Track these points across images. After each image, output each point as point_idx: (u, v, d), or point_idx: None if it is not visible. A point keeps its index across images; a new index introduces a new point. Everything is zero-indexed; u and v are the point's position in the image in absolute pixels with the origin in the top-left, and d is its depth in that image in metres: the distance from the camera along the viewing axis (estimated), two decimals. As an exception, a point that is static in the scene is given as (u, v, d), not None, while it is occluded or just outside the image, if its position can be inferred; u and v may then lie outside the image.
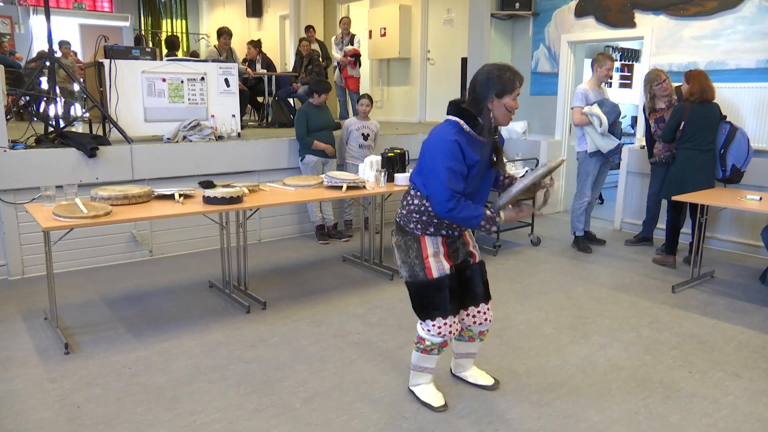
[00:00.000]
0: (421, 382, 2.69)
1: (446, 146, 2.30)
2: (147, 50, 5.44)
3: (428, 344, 2.52)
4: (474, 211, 2.33)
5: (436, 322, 2.46)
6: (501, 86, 2.33)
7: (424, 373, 2.66)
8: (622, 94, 8.45)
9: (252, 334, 3.43)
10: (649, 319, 3.72)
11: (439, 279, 2.44)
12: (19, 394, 2.72)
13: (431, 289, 2.45)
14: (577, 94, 5.13)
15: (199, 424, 2.49)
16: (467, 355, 2.82)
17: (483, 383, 2.82)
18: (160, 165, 4.89)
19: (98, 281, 4.38)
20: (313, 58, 8.00)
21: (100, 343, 3.28)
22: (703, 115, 4.57)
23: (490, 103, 2.34)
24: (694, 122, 4.57)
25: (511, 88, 2.34)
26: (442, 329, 2.47)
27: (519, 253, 5.22)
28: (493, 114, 2.36)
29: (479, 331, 2.69)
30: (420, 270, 2.46)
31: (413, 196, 2.47)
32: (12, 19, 10.61)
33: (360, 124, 5.59)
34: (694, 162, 4.59)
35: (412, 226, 2.47)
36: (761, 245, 4.88)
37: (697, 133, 4.57)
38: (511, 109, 2.37)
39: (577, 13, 6.38)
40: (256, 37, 10.14)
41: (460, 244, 2.58)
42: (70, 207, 3.26)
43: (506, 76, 2.34)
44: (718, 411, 2.65)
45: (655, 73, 5.02)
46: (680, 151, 4.67)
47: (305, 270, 4.74)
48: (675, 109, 4.68)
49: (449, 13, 7.79)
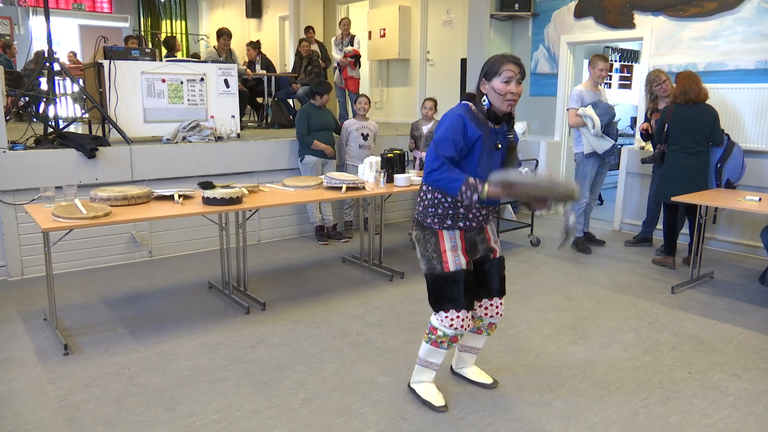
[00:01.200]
0: (423, 380, 2.70)
1: (449, 120, 2.39)
2: (146, 51, 5.44)
3: (440, 334, 2.53)
4: (455, 175, 2.34)
5: (449, 314, 2.48)
6: (488, 68, 2.40)
7: (428, 369, 2.66)
8: (621, 94, 8.46)
9: (251, 334, 3.43)
10: (648, 319, 3.72)
11: (455, 273, 2.46)
12: (18, 395, 2.72)
13: (447, 282, 2.47)
14: (572, 96, 5.16)
15: (198, 425, 2.49)
16: (471, 349, 2.83)
17: (482, 381, 2.83)
18: (159, 166, 4.90)
19: (98, 282, 4.38)
20: (312, 59, 8.00)
21: (100, 343, 3.28)
22: (688, 117, 4.56)
23: (483, 87, 2.42)
24: (677, 124, 4.59)
25: (497, 69, 2.36)
26: (454, 321, 2.48)
27: (518, 254, 5.22)
28: (487, 99, 2.40)
29: (489, 323, 2.71)
30: (437, 263, 2.49)
31: (426, 191, 2.51)
32: (11, 20, 10.61)
33: (359, 125, 5.59)
34: (679, 164, 4.62)
35: (429, 221, 2.50)
36: (761, 246, 4.88)
37: (681, 135, 4.59)
38: (502, 92, 2.36)
39: (576, 14, 6.38)
40: (256, 38, 10.13)
41: (480, 239, 2.59)
42: (70, 208, 3.26)
43: (494, 59, 2.40)
44: (718, 411, 2.65)
45: (656, 74, 5.04)
46: (668, 153, 4.72)
47: (305, 271, 4.74)
48: (662, 111, 4.74)
49: (449, 14, 7.80)
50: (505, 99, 2.38)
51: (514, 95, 2.37)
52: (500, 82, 2.36)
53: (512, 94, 2.37)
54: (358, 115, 5.65)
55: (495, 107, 2.41)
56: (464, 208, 2.45)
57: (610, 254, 5.24)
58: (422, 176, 2.53)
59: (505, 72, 2.35)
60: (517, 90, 2.38)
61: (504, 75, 2.35)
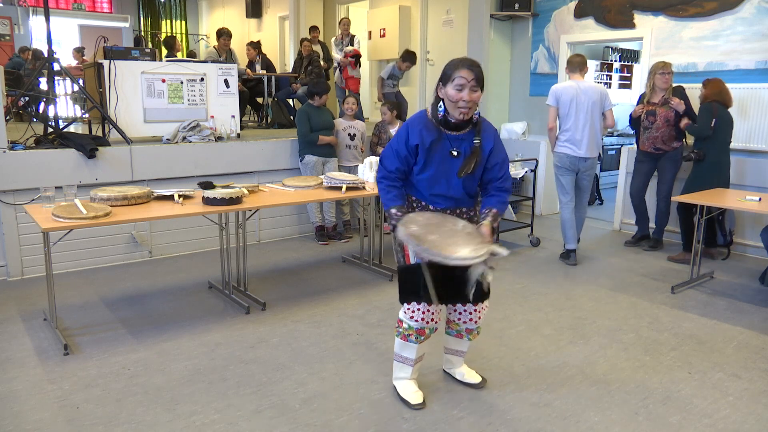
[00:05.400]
0: (401, 377, 2.70)
1: (399, 130, 2.46)
2: (147, 51, 5.44)
3: (405, 327, 2.55)
4: (388, 199, 2.46)
5: (411, 306, 2.51)
6: (444, 72, 2.39)
7: (404, 365, 2.66)
8: (621, 94, 8.45)
9: (251, 335, 3.43)
10: (648, 319, 3.72)
11: (414, 265, 2.45)
12: (18, 395, 2.72)
13: (407, 274, 2.50)
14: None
15: (198, 425, 2.49)
16: (456, 352, 2.83)
17: (470, 381, 2.83)
18: (159, 166, 4.89)
19: (98, 282, 4.38)
20: (313, 59, 8.00)
21: (100, 344, 3.28)
22: (726, 118, 4.72)
23: (439, 91, 2.41)
24: (721, 123, 4.68)
25: (450, 74, 2.33)
26: (415, 314, 2.50)
27: (518, 254, 5.22)
28: (443, 104, 2.40)
29: (466, 329, 2.68)
30: (401, 256, 2.54)
31: None
32: (11, 20, 10.60)
33: (346, 124, 5.62)
34: (720, 162, 4.74)
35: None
36: (761, 246, 4.88)
37: (725, 133, 4.72)
38: (453, 99, 2.31)
39: (576, 14, 6.38)
40: (256, 38, 10.13)
41: None
42: (70, 208, 3.26)
43: (452, 63, 2.37)
44: (718, 411, 2.65)
45: (663, 63, 5.01)
46: (710, 151, 4.73)
47: (305, 271, 4.74)
48: (705, 108, 4.69)
49: (449, 14, 7.79)
50: (457, 106, 2.32)
51: (465, 102, 2.30)
52: (452, 88, 2.32)
53: (464, 101, 2.30)
54: (345, 114, 5.68)
55: (449, 113, 2.38)
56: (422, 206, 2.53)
57: (610, 254, 5.24)
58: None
59: (458, 78, 2.29)
60: (470, 97, 2.30)
61: (456, 81, 2.30)
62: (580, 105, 4.72)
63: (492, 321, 3.63)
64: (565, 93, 4.76)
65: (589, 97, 4.72)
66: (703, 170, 4.76)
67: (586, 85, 4.79)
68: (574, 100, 4.73)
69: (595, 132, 4.78)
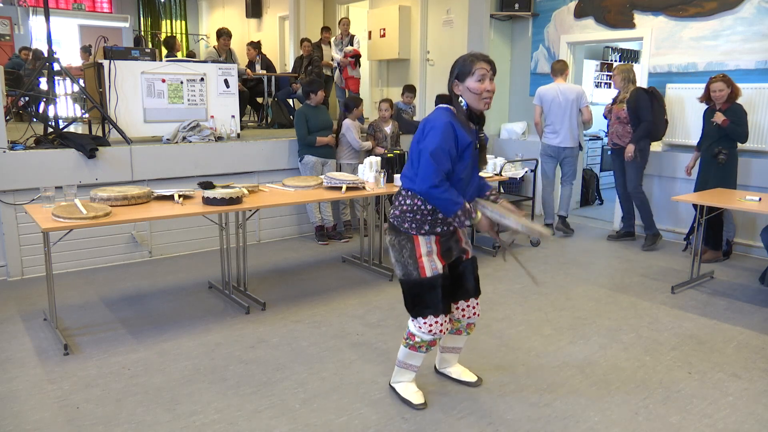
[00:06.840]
0: (402, 380, 2.71)
1: (441, 127, 2.34)
2: (147, 51, 5.44)
3: (418, 341, 2.53)
4: (456, 197, 2.36)
5: (428, 320, 2.48)
6: (459, 68, 2.40)
7: (407, 371, 2.67)
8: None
9: (251, 334, 3.43)
10: (648, 319, 3.72)
11: (432, 278, 2.45)
12: (18, 395, 2.72)
13: (424, 288, 2.46)
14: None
15: (198, 425, 2.49)
16: (453, 349, 2.83)
17: (466, 380, 2.84)
18: (159, 166, 4.89)
19: (97, 282, 4.38)
20: (313, 59, 8.00)
21: (100, 344, 3.28)
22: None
23: (456, 88, 2.42)
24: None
25: (469, 68, 2.37)
26: (433, 327, 2.48)
27: (518, 254, 5.22)
28: (463, 99, 2.41)
29: (467, 323, 2.72)
30: (414, 269, 2.47)
31: (405, 196, 2.48)
32: (11, 20, 10.59)
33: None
34: (736, 161, 4.82)
35: (406, 226, 2.47)
36: (761, 246, 4.88)
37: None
38: (477, 91, 2.36)
39: (576, 14, 6.38)
40: (256, 38, 10.13)
41: (453, 242, 2.58)
42: (70, 208, 3.26)
43: (464, 58, 2.40)
44: (718, 411, 2.65)
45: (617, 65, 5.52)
46: (731, 150, 4.77)
47: (305, 271, 4.74)
48: (741, 109, 4.69)
49: (449, 14, 7.79)
50: (482, 98, 2.38)
51: (489, 93, 2.38)
52: (474, 81, 2.36)
53: (488, 92, 2.38)
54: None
55: (472, 107, 2.42)
56: (443, 215, 2.45)
57: (610, 254, 5.24)
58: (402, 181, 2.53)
59: (478, 70, 2.36)
60: (491, 87, 2.38)
61: (477, 74, 2.36)
62: (560, 103, 5.62)
63: (492, 321, 3.63)
64: (547, 93, 5.70)
65: (566, 96, 5.62)
66: (731, 169, 4.79)
67: (566, 87, 5.69)
68: (555, 99, 5.65)
69: (572, 126, 5.66)
